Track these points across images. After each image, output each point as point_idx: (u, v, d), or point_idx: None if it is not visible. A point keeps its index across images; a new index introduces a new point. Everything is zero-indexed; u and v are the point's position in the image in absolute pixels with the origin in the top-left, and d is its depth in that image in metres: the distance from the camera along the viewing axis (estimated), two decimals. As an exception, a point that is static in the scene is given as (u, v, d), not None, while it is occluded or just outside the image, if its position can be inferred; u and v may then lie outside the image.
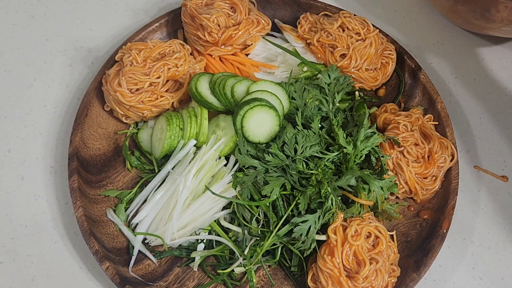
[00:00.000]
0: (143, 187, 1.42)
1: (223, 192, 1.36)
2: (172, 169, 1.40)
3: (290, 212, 1.32)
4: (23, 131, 1.55)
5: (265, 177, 1.32)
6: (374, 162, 1.36)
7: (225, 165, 1.41)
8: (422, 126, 1.44)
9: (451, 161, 1.43)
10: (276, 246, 1.33)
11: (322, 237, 1.29)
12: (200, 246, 1.36)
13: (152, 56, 1.45)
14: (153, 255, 1.37)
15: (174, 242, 1.35)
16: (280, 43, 1.55)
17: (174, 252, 1.37)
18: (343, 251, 1.25)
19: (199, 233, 1.37)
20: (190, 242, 1.38)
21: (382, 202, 1.36)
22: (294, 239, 1.30)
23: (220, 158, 1.42)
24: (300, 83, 1.44)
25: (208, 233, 1.37)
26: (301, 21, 1.56)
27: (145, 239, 1.38)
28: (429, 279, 1.40)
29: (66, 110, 1.58)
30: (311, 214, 1.28)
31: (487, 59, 1.69)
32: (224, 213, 1.38)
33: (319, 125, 1.39)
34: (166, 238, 1.35)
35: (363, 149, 1.33)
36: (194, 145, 1.41)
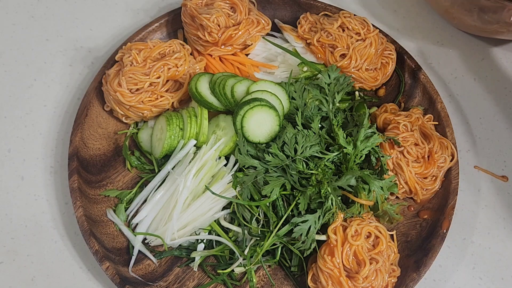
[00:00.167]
0: (143, 187, 1.42)
1: (223, 192, 1.36)
2: (172, 169, 1.40)
3: (290, 212, 1.32)
4: (23, 131, 1.55)
5: (265, 177, 1.32)
6: (374, 162, 1.36)
7: (225, 165, 1.41)
8: (422, 126, 1.44)
9: (451, 161, 1.43)
10: (276, 246, 1.33)
11: (322, 237, 1.29)
12: (200, 246, 1.36)
13: (152, 56, 1.45)
14: (153, 255, 1.37)
15: (174, 242, 1.35)
16: (280, 43, 1.55)
17: (174, 252, 1.37)
18: (343, 251, 1.25)
19: (199, 233, 1.37)
20: (190, 242, 1.38)
21: (382, 202, 1.36)
22: (294, 239, 1.30)
23: (220, 158, 1.42)
24: (300, 83, 1.44)
25: (208, 233, 1.37)
26: (301, 21, 1.56)
27: (145, 239, 1.38)
28: (429, 279, 1.40)
29: (66, 110, 1.58)
30: (311, 214, 1.28)
31: (487, 59, 1.69)
32: (224, 213, 1.38)
33: (319, 125, 1.39)
34: (166, 238, 1.35)
35: (363, 149, 1.33)
36: (194, 145, 1.41)
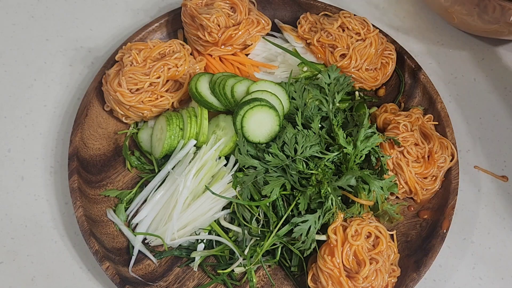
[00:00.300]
0: (143, 187, 1.42)
1: (223, 192, 1.36)
2: (172, 169, 1.40)
3: (290, 212, 1.32)
4: (23, 131, 1.55)
5: (265, 177, 1.32)
6: (374, 162, 1.36)
7: (225, 165, 1.41)
8: (422, 126, 1.44)
9: (451, 161, 1.43)
10: (276, 246, 1.33)
11: (322, 237, 1.29)
12: (200, 246, 1.36)
13: (152, 56, 1.45)
14: (153, 255, 1.37)
15: (174, 242, 1.35)
16: (280, 43, 1.55)
17: (174, 252, 1.37)
18: (343, 251, 1.25)
19: (199, 233, 1.37)
20: (190, 242, 1.38)
21: (382, 202, 1.36)
22: (294, 239, 1.30)
23: (220, 158, 1.42)
24: (300, 83, 1.44)
25: (208, 233, 1.37)
26: (301, 21, 1.56)
27: (145, 239, 1.38)
28: (429, 279, 1.40)
29: (66, 110, 1.58)
30: (311, 214, 1.28)
31: (487, 59, 1.69)
32: (224, 213, 1.38)
33: (319, 125, 1.39)
34: (166, 238, 1.35)
35: (363, 149, 1.33)
36: (194, 145, 1.41)
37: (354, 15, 1.52)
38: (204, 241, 1.37)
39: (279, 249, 1.34)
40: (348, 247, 1.25)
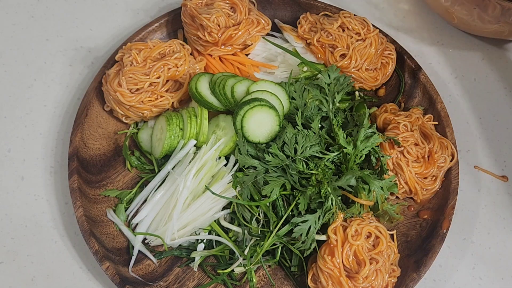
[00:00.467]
0: (143, 187, 1.42)
1: (223, 192, 1.36)
2: (172, 169, 1.40)
3: (290, 212, 1.31)
4: (23, 131, 1.55)
5: (265, 177, 1.32)
6: (374, 162, 1.36)
7: (225, 165, 1.41)
8: (422, 126, 1.44)
9: (451, 161, 1.43)
10: (276, 246, 1.33)
11: (322, 237, 1.29)
12: (200, 246, 1.36)
13: (152, 56, 1.45)
14: (153, 255, 1.37)
15: (174, 242, 1.35)
16: (280, 43, 1.55)
17: (174, 252, 1.37)
18: (343, 251, 1.25)
19: (199, 233, 1.37)
20: (190, 242, 1.38)
21: (382, 202, 1.36)
22: (294, 239, 1.30)
23: (220, 158, 1.42)
24: (300, 83, 1.44)
25: (208, 233, 1.37)
26: (301, 21, 1.56)
27: (145, 239, 1.38)
28: (429, 279, 1.40)
29: (66, 110, 1.58)
30: (311, 214, 1.28)
31: (487, 59, 1.69)
32: (224, 213, 1.38)
33: (319, 125, 1.39)
34: (166, 238, 1.35)
35: (363, 149, 1.33)
36: (194, 145, 1.41)
37: (354, 15, 1.52)
38: (204, 241, 1.37)
39: (279, 249, 1.34)
40: (348, 247, 1.25)
